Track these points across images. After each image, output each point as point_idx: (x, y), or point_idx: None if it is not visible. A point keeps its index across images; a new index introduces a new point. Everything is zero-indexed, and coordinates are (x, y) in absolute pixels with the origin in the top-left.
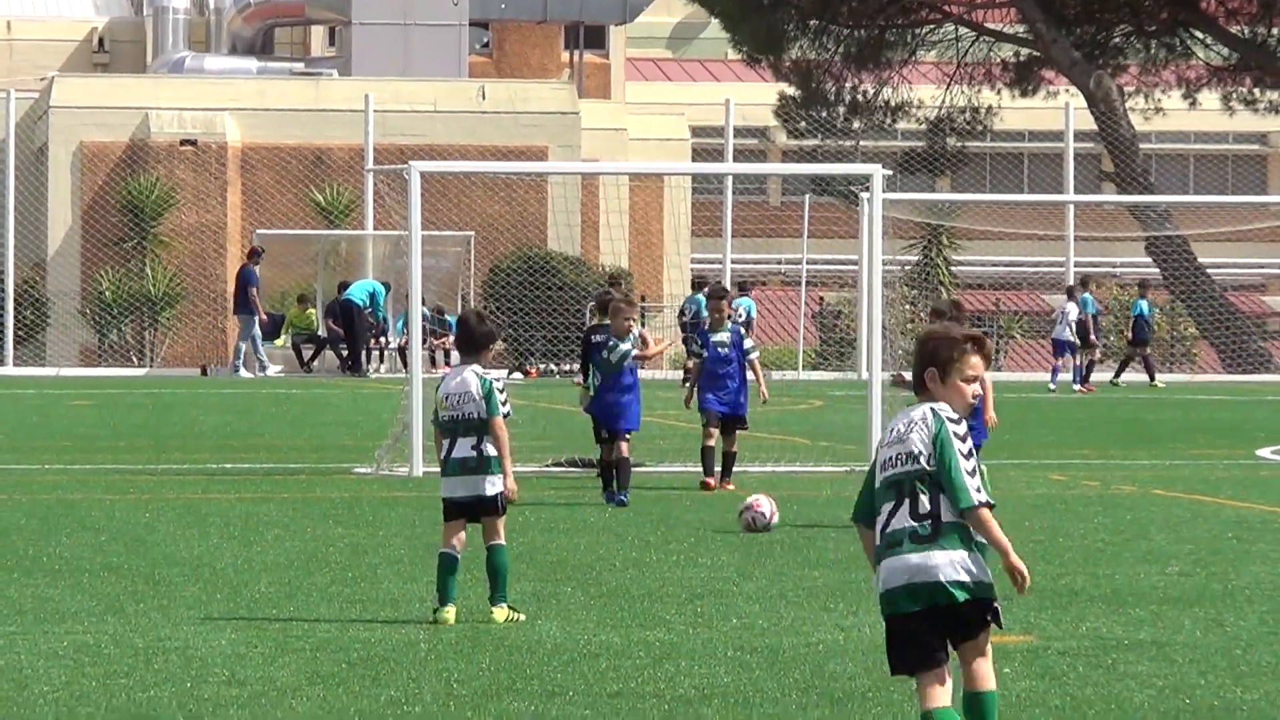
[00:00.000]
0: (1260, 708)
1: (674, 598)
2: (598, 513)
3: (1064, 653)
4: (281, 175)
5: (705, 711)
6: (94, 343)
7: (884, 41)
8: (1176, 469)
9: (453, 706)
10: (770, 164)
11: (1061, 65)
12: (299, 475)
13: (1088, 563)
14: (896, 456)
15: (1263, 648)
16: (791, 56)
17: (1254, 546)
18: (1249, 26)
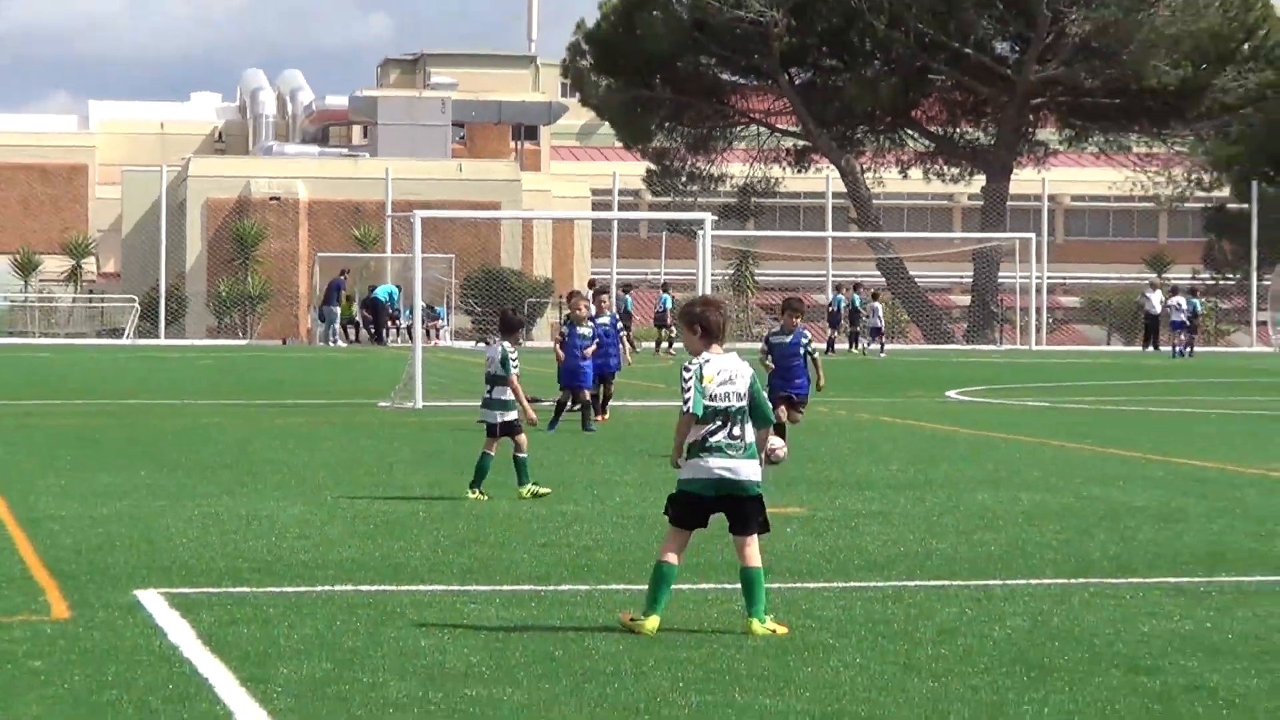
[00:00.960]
0: (946, 552)
1: (580, 484)
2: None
3: (825, 519)
4: (333, 220)
5: (599, 556)
6: (214, 324)
7: (711, 136)
8: (896, 404)
9: (439, 552)
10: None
11: (824, 151)
12: (343, 407)
13: (839, 462)
14: (726, 393)
15: (949, 516)
16: (653, 145)
17: (944, 453)
18: (941, 128)
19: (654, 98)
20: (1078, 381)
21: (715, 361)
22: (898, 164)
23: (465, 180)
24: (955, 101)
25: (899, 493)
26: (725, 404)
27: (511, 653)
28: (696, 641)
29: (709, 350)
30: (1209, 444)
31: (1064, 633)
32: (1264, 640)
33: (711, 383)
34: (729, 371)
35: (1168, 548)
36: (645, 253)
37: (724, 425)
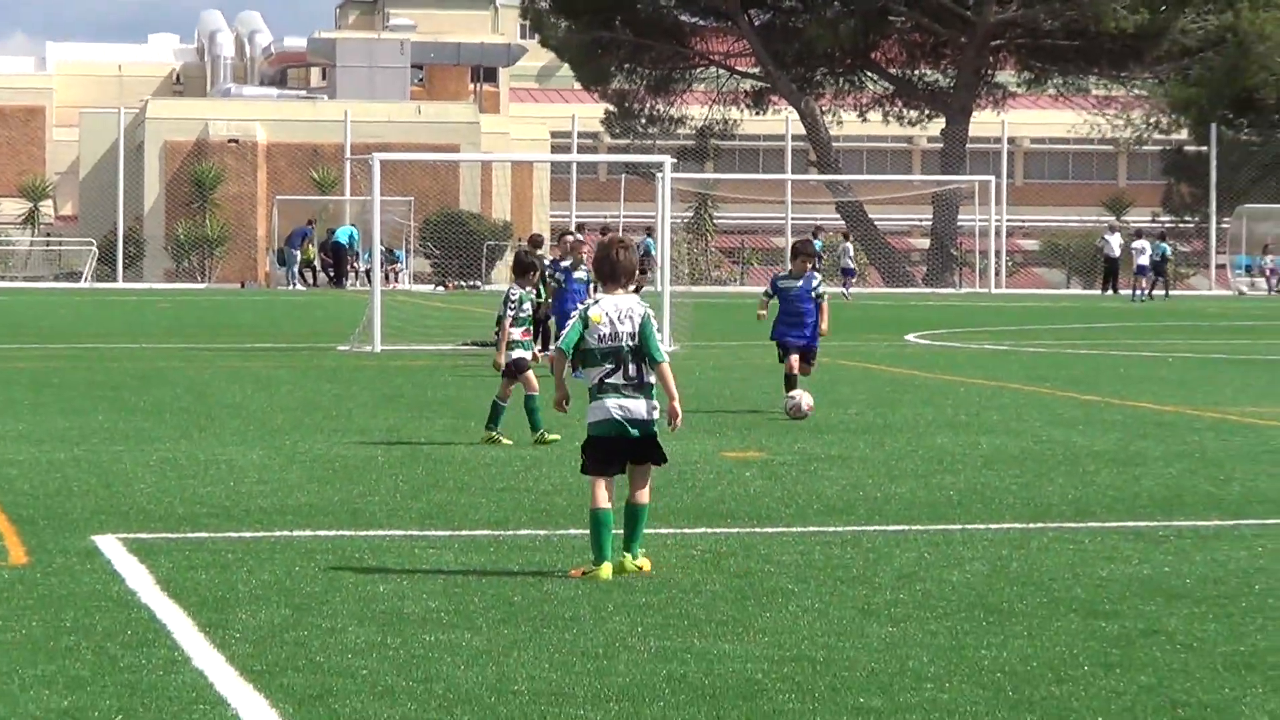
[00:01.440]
0: (905, 497)
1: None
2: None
3: (784, 463)
4: (292, 162)
5: (558, 500)
6: (172, 267)
7: (671, 78)
8: (855, 348)
9: (398, 497)
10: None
11: (783, 93)
12: (301, 351)
13: None
14: (613, 334)
15: (907, 460)
16: (612, 87)
17: (903, 397)
18: (900, 70)
19: (613, 39)
20: (1037, 325)
21: (605, 302)
22: (857, 106)
23: (424, 123)
24: (914, 43)
25: (858, 437)
26: (616, 344)
27: (470, 598)
28: (655, 586)
29: (611, 291)
30: (1168, 387)
31: (1023, 577)
32: (1222, 584)
33: (599, 323)
34: (620, 311)
35: (1126, 492)
36: (604, 195)
37: (617, 366)
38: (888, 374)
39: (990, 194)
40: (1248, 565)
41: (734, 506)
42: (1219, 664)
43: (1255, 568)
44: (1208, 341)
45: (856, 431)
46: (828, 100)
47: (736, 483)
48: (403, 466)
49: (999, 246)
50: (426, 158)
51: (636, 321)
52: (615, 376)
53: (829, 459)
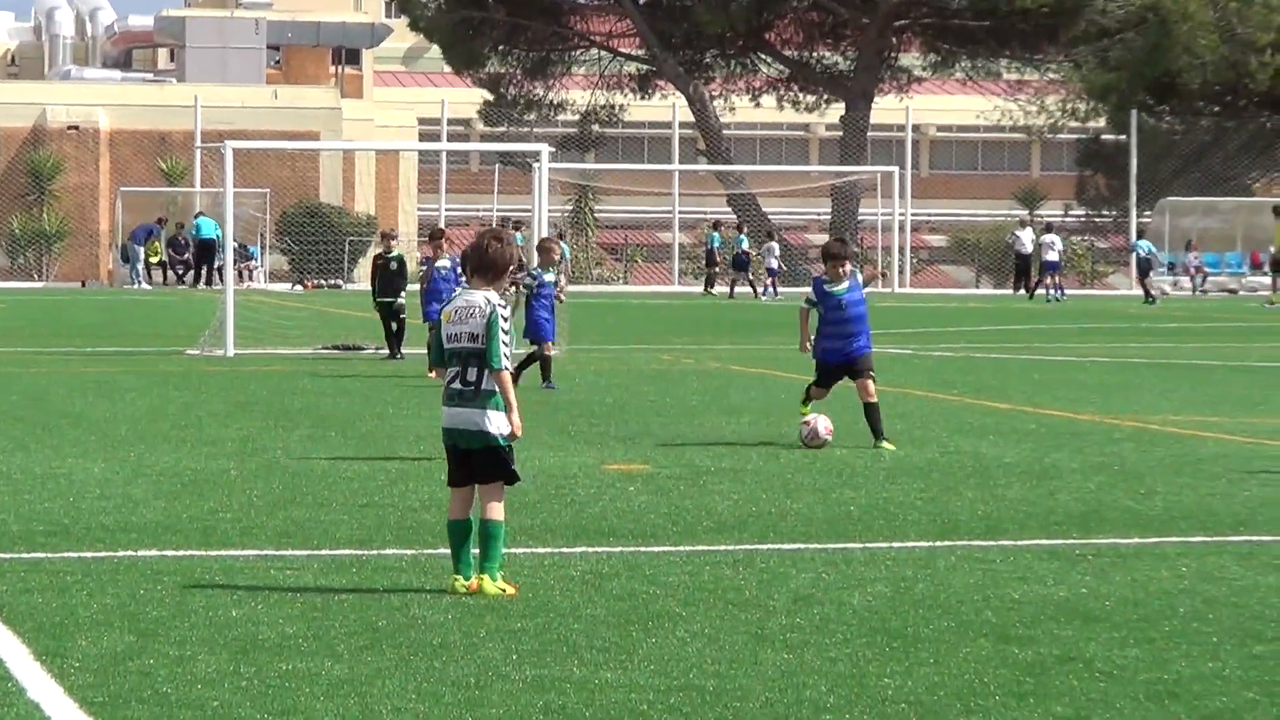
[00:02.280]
0: (802, 513)
1: (405, 439)
2: (354, 380)
3: (671, 476)
4: (137, 150)
5: (426, 517)
6: (7, 264)
7: (549, 60)
8: (748, 351)
9: (252, 513)
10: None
11: (670, 77)
12: (148, 355)
13: (688, 415)
14: (458, 334)
15: (804, 473)
16: (486, 71)
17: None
18: (796, 52)
19: (486, 19)
20: (944, 327)
21: (458, 299)
22: (750, 91)
23: (281, 108)
24: (812, 23)
25: (751, 448)
26: (457, 345)
27: (331, 623)
28: (531, 610)
29: (478, 286)
30: (1085, 394)
31: (929, 599)
32: (1143, 606)
33: (448, 322)
34: (466, 309)
35: (1040, 507)
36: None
37: (459, 370)
38: (783, 380)
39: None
40: (1171, 586)
41: (617, 523)
42: (1140, 693)
43: (1179, 589)
44: (1127, 345)
45: (750, 442)
46: (718, 84)
47: (620, 498)
48: (257, 480)
49: (903, 242)
50: (284, 146)
51: (479, 320)
52: (455, 381)
53: (720, 472)
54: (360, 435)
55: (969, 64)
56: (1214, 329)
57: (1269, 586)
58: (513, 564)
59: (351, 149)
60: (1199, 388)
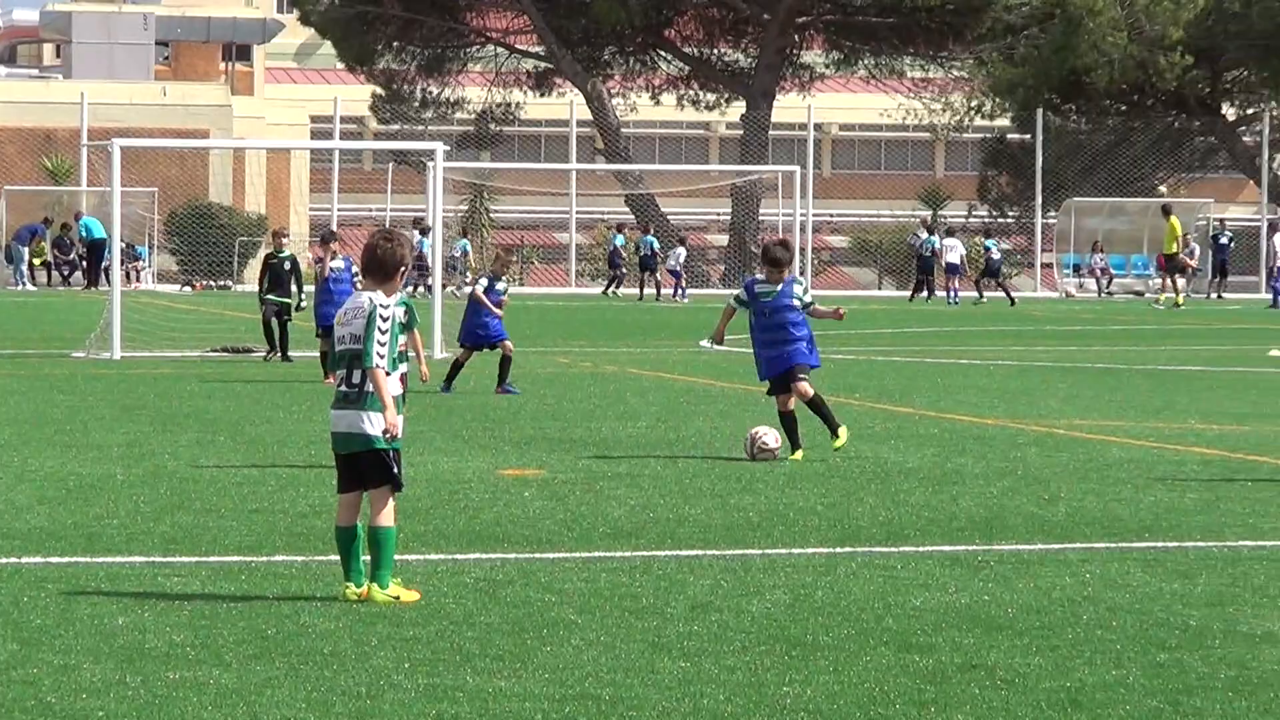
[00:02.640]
0: (700, 519)
1: (295, 443)
2: (243, 384)
3: (566, 482)
4: (22, 149)
5: (316, 523)
6: None
7: (444, 57)
8: (646, 354)
9: (139, 520)
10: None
11: (568, 74)
12: (32, 358)
13: (584, 419)
14: (343, 335)
15: (702, 478)
16: (379, 67)
17: (697, 408)
18: (696, 49)
19: (380, 14)
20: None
21: (349, 301)
22: (649, 89)
23: (170, 105)
24: (713, 20)
25: (649, 453)
26: (343, 347)
27: (219, 631)
28: (424, 618)
29: (369, 287)
30: (988, 398)
31: (828, 607)
32: (1046, 614)
33: (338, 325)
34: (353, 310)
35: (942, 513)
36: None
37: (345, 372)
38: (681, 383)
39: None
40: (1074, 593)
41: (511, 530)
42: (1043, 701)
43: (1082, 596)
44: (1032, 348)
45: (647, 447)
46: (617, 82)
47: (515, 503)
48: (144, 486)
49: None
50: (172, 144)
51: (360, 322)
52: (342, 384)
53: (616, 477)
54: (249, 440)
55: (872, 61)
56: (1120, 332)
57: (1173, 593)
58: (406, 571)
59: (242, 147)
60: (1104, 392)
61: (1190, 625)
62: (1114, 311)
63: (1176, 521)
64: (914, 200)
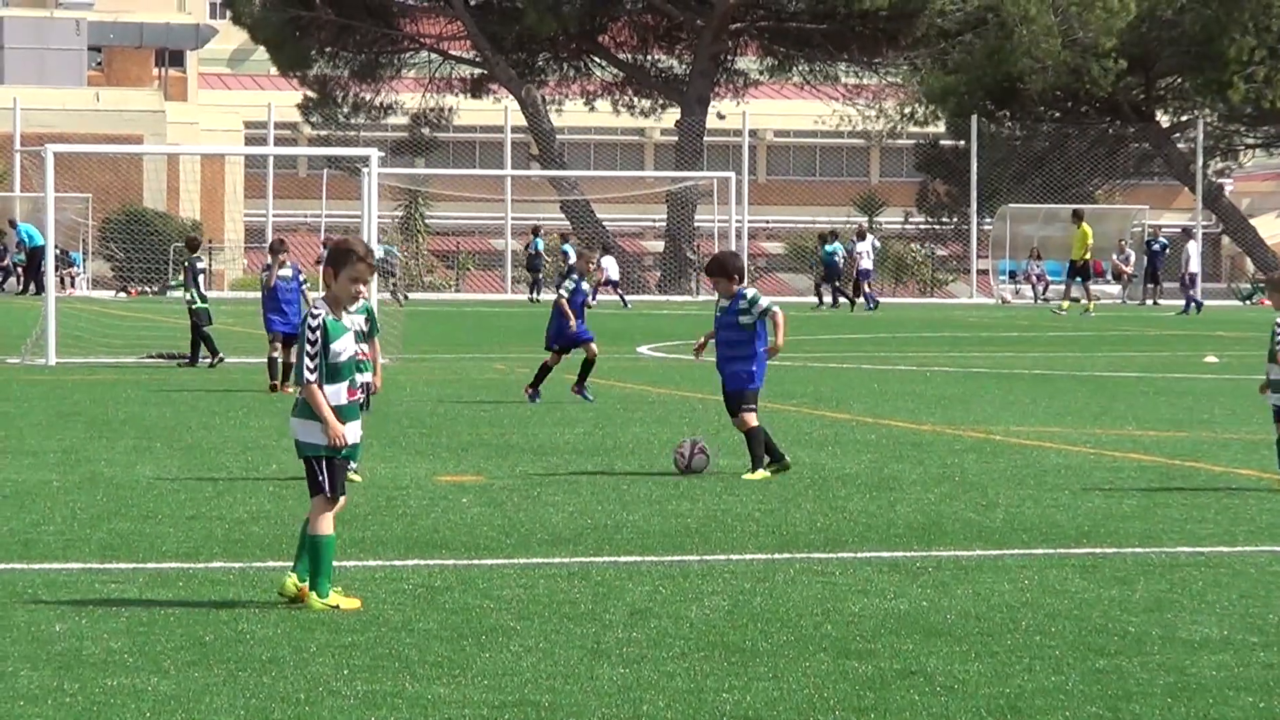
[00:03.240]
0: (638, 525)
1: (233, 450)
2: (180, 390)
3: (504, 488)
4: None
5: (254, 529)
6: None
7: (378, 63)
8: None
9: (76, 526)
10: (299, 148)
11: (502, 80)
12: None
13: (521, 425)
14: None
15: (640, 484)
16: (313, 73)
17: (634, 415)
18: (630, 55)
19: (314, 19)
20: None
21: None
22: (584, 95)
23: (103, 111)
24: (646, 26)
25: (586, 459)
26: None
27: (157, 638)
28: (362, 625)
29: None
30: (925, 405)
31: (767, 613)
32: (985, 620)
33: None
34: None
35: (880, 519)
36: (304, 193)
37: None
38: (618, 390)
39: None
40: (1013, 599)
41: (449, 536)
42: (982, 707)
43: (1021, 602)
44: (968, 354)
45: (584, 453)
46: (551, 88)
47: (452, 509)
48: (81, 492)
49: (740, 249)
50: (106, 150)
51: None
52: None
53: (554, 483)
54: (186, 446)
55: (807, 67)
56: (1056, 338)
57: (1111, 600)
58: (344, 577)
59: (176, 153)
60: (1041, 398)
61: (1129, 631)
62: (1050, 318)
63: (1114, 528)
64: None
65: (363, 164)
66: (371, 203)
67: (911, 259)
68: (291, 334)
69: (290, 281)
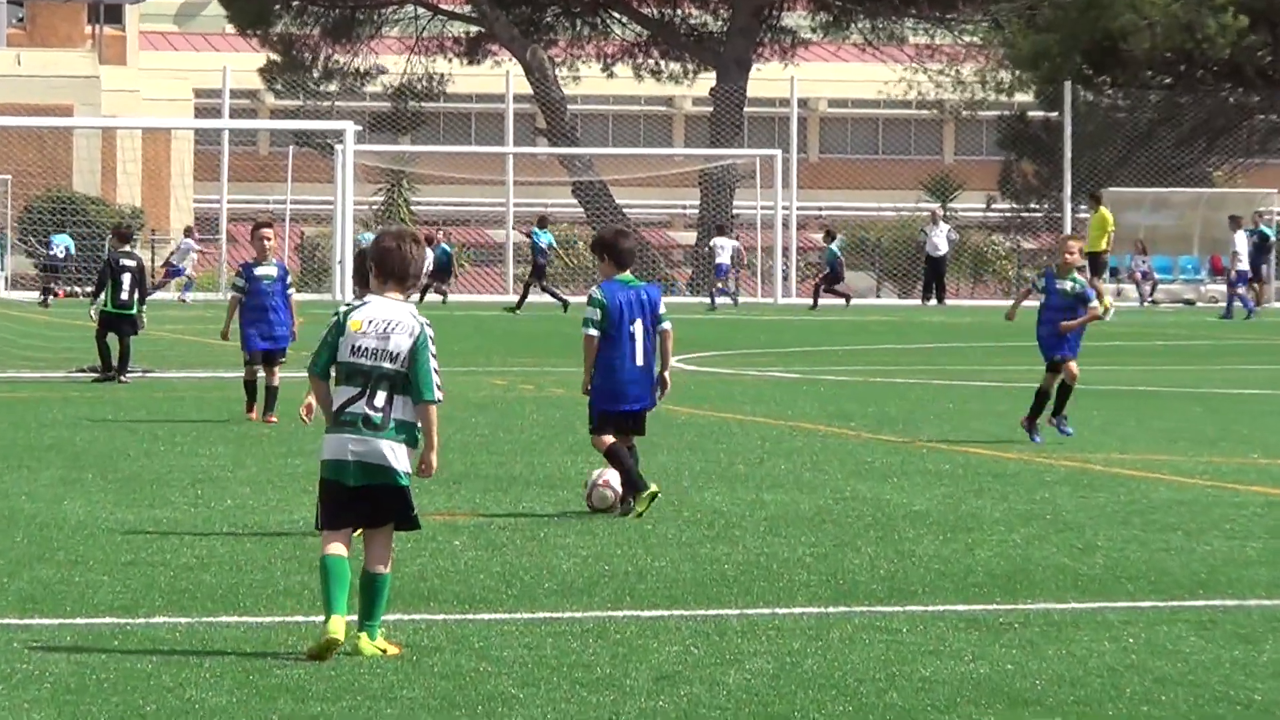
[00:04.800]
0: (666, 572)
1: (179, 482)
2: (115, 410)
3: (504, 528)
4: None
5: (204, 577)
6: None
7: (354, 20)
8: None
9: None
10: (260, 120)
11: (503, 40)
12: None
13: (525, 453)
14: (374, 350)
15: (668, 524)
16: (277, 31)
17: (661, 439)
18: (657, 10)
19: None
20: (838, 345)
21: (370, 307)
22: (600, 57)
23: (25, 77)
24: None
25: None
26: (367, 362)
27: (88, 708)
28: (335, 691)
29: (380, 293)
30: (1011, 427)
31: (820, 678)
32: (1081, 686)
33: (356, 332)
34: (385, 322)
35: (956, 565)
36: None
37: (362, 393)
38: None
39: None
40: (1115, 661)
41: (439, 585)
42: None
43: (1124, 664)
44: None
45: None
46: (562, 49)
47: (442, 554)
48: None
49: (787, 242)
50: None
51: (404, 339)
52: (357, 404)
53: (564, 523)
54: (123, 478)
55: (867, 24)
56: (1166, 348)
57: (1233, 662)
58: (305, 634)
59: (113, 127)
60: (1148, 419)
61: (1254, 700)
62: (1159, 323)
63: (1236, 575)
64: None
65: (336, 140)
66: (346, 186)
67: (993, 253)
68: (274, 351)
69: (274, 283)
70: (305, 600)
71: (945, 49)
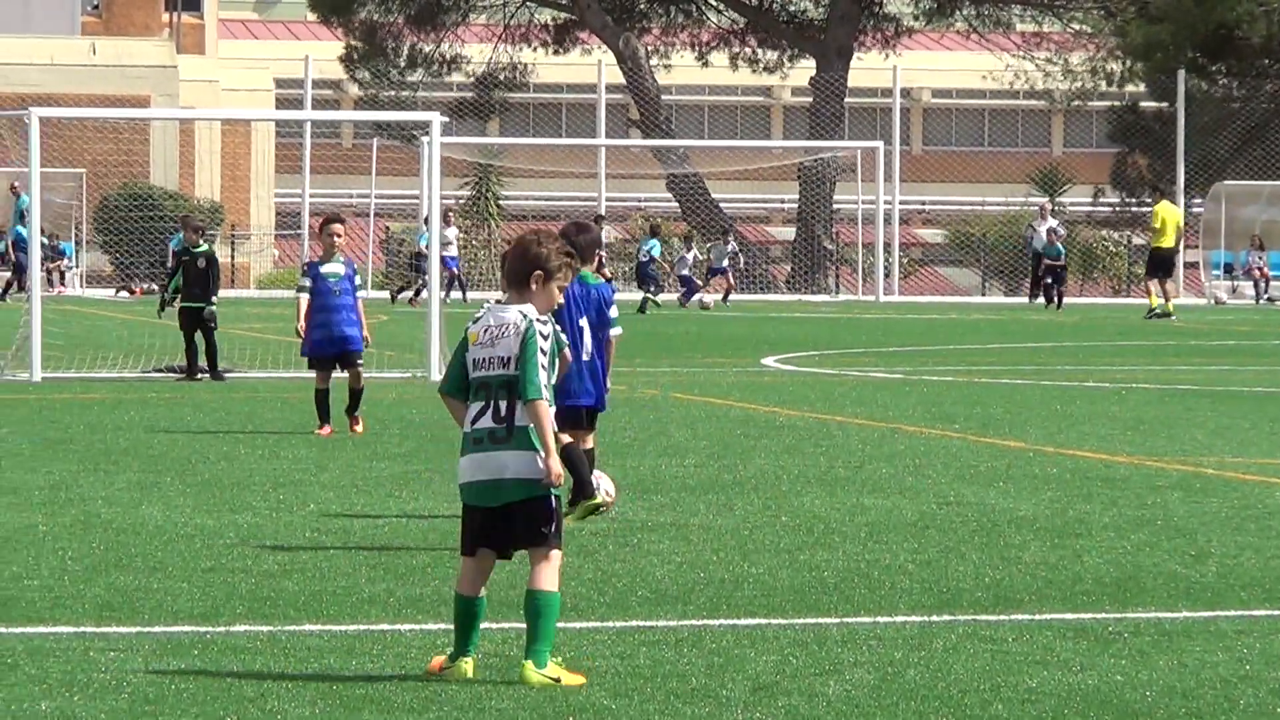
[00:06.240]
0: (763, 579)
1: (259, 486)
2: (194, 411)
3: (595, 534)
4: None
5: (286, 584)
6: None
7: (440, 6)
8: (693, 375)
9: (67, 580)
10: (343, 111)
11: (594, 27)
12: None
13: (616, 456)
14: (487, 359)
15: (766, 529)
16: (359, 18)
17: (759, 442)
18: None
19: None
20: (942, 345)
21: (487, 316)
22: (695, 46)
23: (101, 67)
24: None
25: (698, 497)
26: (485, 373)
27: (166, 718)
28: (421, 703)
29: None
30: (1120, 430)
31: (923, 689)
32: (1194, 698)
33: (475, 344)
34: (497, 328)
35: (1064, 572)
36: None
37: (486, 405)
38: (738, 411)
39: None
40: (1229, 672)
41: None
42: None
43: (1239, 675)
44: (1173, 368)
45: (696, 491)
46: (655, 37)
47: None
48: (73, 538)
49: (889, 237)
50: (104, 114)
51: (513, 342)
52: (484, 419)
53: (659, 527)
54: (202, 481)
55: (973, 11)
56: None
57: None
58: (390, 643)
59: (191, 119)
60: (1264, 422)
61: None
62: (1275, 322)
63: None
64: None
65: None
66: (433, 179)
67: (1102, 249)
68: (350, 353)
69: (341, 280)
70: (390, 608)
71: (1054, 37)
